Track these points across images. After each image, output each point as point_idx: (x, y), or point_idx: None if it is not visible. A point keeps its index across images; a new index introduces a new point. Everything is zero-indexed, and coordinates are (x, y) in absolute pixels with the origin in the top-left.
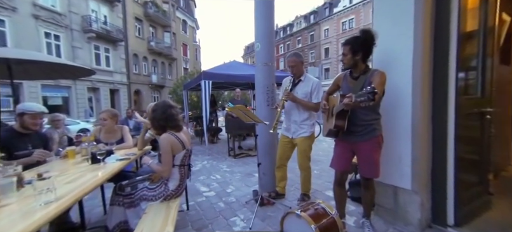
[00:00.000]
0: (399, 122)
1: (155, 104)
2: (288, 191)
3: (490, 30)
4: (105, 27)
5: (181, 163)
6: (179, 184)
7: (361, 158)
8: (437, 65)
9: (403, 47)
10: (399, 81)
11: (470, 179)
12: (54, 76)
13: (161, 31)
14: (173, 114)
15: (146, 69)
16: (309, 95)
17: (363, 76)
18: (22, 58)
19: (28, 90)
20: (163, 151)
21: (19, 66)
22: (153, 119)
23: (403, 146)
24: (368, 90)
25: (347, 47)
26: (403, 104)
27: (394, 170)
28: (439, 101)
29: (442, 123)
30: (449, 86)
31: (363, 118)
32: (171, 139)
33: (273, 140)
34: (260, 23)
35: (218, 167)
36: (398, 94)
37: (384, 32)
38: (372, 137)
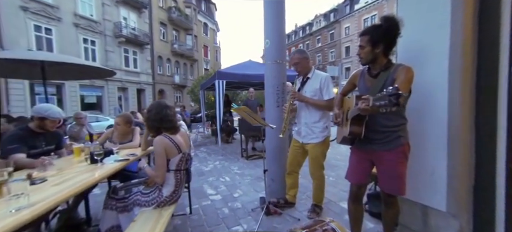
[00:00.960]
0: (431, 127)
1: (150, 104)
2: (300, 198)
3: None
4: (133, 32)
5: (176, 168)
6: (174, 191)
7: (382, 170)
8: (483, 58)
9: (436, 37)
10: (431, 78)
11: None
12: (81, 76)
13: (184, 34)
14: (168, 115)
15: (169, 70)
16: (319, 92)
17: (383, 73)
18: (54, 60)
19: (68, 90)
20: (156, 154)
21: (51, 68)
22: (147, 119)
23: (436, 156)
24: (390, 92)
25: (366, 38)
26: (436, 105)
27: (424, 185)
28: (486, 101)
29: (489, 128)
30: (499, 83)
31: (384, 124)
32: (164, 142)
33: (283, 144)
34: (269, 18)
35: (229, 168)
36: (430, 94)
37: (411, 20)
38: (396, 146)
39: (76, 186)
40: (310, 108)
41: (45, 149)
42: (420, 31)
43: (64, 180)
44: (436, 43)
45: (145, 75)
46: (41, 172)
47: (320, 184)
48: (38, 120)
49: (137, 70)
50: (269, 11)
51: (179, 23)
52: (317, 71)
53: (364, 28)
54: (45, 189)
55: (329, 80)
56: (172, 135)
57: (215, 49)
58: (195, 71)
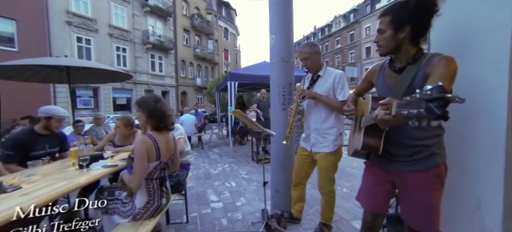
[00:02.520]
0: (479, 142)
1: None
2: (307, 213)
3: None
4: (159, 39)
5: (148, 177)
6: (148, 201)
7: (407, 199)
8: None
9: (491, 15)
10: (481, 75)
11: None
12: (104, 80)
13: (205, 39)
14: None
15: (191, 73)
16: (332, 92)
17: (412, 66)
18: (79, 65)
19: (103, 93)
20: (137, 156)
21: (77, 72)
22: (150, 111)
23: (484, 183)
24: (429, 95)
25: (387, 19)
26: (488, 112)
27: (464, 220)
28: None
29: None
30: None
31: (413, 135)
32: (148, 143)
33: (289, 152)
34: (275, 11)
35: (238, 172)
36: (479, 97)
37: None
38: (429, 167)
39: (42, 197)
40: (321, 110)
41: (48, 151)
42: (467, 7)
43: (37, 189)
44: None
45: (169, 78)
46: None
47: (330, 201)
48: (44, 120)
49: (162, 74)
50: (274, 3)
51: (201, 29)
52: (329, 68)
53: (387, 7)
54: (7, 200)
55: (344, 79)
56: (157, 135)
57: (235, 52)
58: (216, 73)
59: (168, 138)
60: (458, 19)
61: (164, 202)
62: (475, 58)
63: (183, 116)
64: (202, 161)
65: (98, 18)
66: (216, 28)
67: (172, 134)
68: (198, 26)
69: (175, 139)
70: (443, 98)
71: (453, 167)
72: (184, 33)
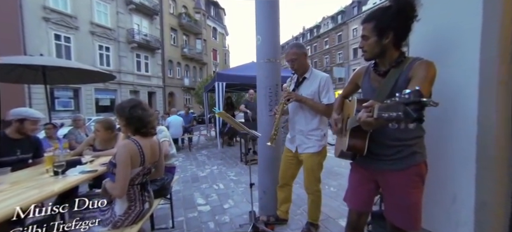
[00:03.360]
0: (454, 141)
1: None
2: (294, 213)
3: None
4: (145, 38)
5: (129, 182)
6: (128, 207)
7: (389, 196)
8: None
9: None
10: (456, 78)
11: None
12: (85, 80)
13: (193, 38)
14: (149, 115)
15: (179, 73)
16: (317, 95)
17: (395, 70)
18: (55, 65)
19: (84, 93)
20: (119, 162)
21: (54, 72)
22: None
23: (459, 179)
24: (408, 98)
25: (370, 26)
26: (462, 113)
27: (442, 215)
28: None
29: None
30: None
31: (395, 136)
32: (132, 148)
33: (276, 153)
34: (261, 11)
35: (226, 173)
36: (454, 98)
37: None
38: (410, 165)
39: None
40: (306, 112)
41: (20, 157)
42: (441, 11)
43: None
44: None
45: (156, 78)
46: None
47: (316, 200)
48: (17, 123)
49: (148, 74)
50: (261, 4)
51: (189, 28)
52: (315, 70)
53: (368, 13)
54: None
55: (329, 82)
56: (142, 140)
57: (224, 52)
58: (205, 74)
59: (153, 142)
60: (436, 25)
61: (147, 207)
62: (450, 62)
63: (171, 117)
64: (190, 163)
65: (78, 15)
66: (204, 28)
67: (157, 138)
68: (186, 26)
69: (160, 143)
70: (419, 102)
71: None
72: (171, 32)
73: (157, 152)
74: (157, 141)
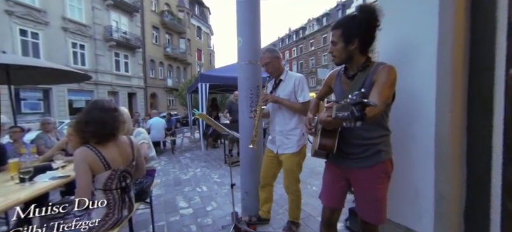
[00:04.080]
0: (416, 140)
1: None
2: (276, 213)
3: None
4: (124, 36)
5: (105, 187)
6: (107, 214)
7: (358, 192)
8: (477, 59)
9: (423, 34)
10: (418, 82)
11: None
12: (56, 81)
13: (177, 38)
14: (101, 118)
15: (162, 73)
16: (293, 95)
17: (361, 73)
18: (21, 64)
19: (56, 94)
20: (76, 171)
21: (20, 72)
22: (76, 122)
23: (422, 174)
24: (354, 100)
25: (338, 32)
26: (422, 114)
27: (408, 207)
28: (480, 109)
29: (483, 141)
30: (495, 88)
31: (362, 135)
32: (87, 154)
33: (258, 154)
34: (241, 14)
35: (210, 176)
36: (416, 101)
37: (396, 12)
38: (375, 163)
39: None
40: (284, 113)
41: None
42: (405, 24)
43: None
44: (423, 39)
45: (137, 78)
46: None
47: (296, 200)
48: None
49: (128, 74)
50: (241, 5)
51: (172, 27)
52: (290, 72)
53: (337, 21)
54: None
55: (304, 82)
56: (101, 147)
57: (208, 52)
58: (189, 74)
59: (122, 144)
60: (402, 35)
61: (126, 214)
62: (413, 68)
63: (152, 120)
64: (173, 166)
65: (48, 9)
66: (188, 27)
67: (129, 138)
68: (169, 24)
69: (134, 143)
70: (362, 103)
71: (398, 162)
72: (153, 30)
73: (130, 152)
74: (128, 141)
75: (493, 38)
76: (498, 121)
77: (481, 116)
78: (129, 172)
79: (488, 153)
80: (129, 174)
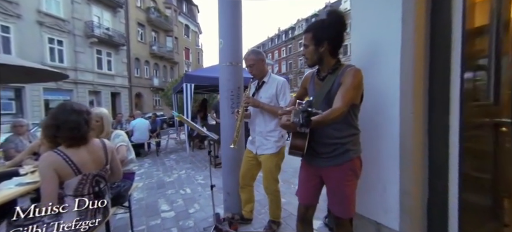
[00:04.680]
0: (384, 139)
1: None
2: (259, 213)
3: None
4: (107, 32)
5: (76, 193)
6: (79, 219)
7: (329, 189)
8: (436, 63)
9: (389, 38)
10: (386, 84)
11: (482, 213)
12: (29, 79)
13: (163, 35)
14: (70, 121)
15: (148, 72)
16: (275, 98)
17: (331, 75)
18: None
19: (30, 94)
20: (41, 177)
21: None
22: (43, 126)
23: (388, 171)
24: (302, 108)
25: (309, 36)
26: (389, 114)
27: (377, 202)
28: (439, 109)
29: (442, 139)
30: (451, 90)
31: (332, 135)
32: (53, 159)
33: (239, 155)
34: (223, 15)
35: (194, 178)
36: (384, 102)
37: (367, 17)
38: (344, 161)
39: None
40: (265, 115)
41: None
42: (374, 29)
43: None
44: (389, 43)
45: (121, 77)
46: None
47: (275, 200)
48: None
49: (111, 73)
50: (223, 7)
51: (158, 24)
52: (273, 75)
53: (308, 24)
54: None
55: (286, 86)
56: (71, 151)
57: (197, 51)
58: (176, 73)
59: (95, 148)
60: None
61: (100, 219)
62: (381, 70)
63: (135, 121)
64: (157, 169)
65: (20, 1)
66: (175, 25)
67: (103, 142)
68: (155, 21)
69: (108, 146)
70: (307, 111)
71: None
72: (138, 27)
73: (103, 156)
74: (101, 144)
75: (449, 43)
76: (455, 120)
77: (441, 116)
78: (103, 176)
79: (446, 151)
80: (103, 178)
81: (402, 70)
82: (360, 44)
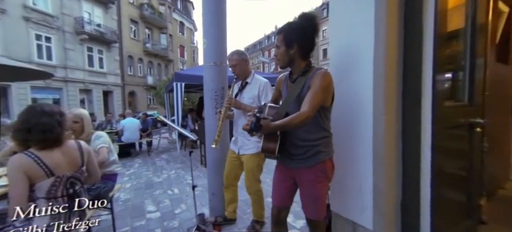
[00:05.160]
0: (359, 139)
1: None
2: (244, 213)
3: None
4: (98, 29)
5: (49, 196)
6: (49, 224)
7: (301, 191)
8: (409, 64)
9: (363, 40)
10: (360, 85)
11: (456, 211)
12: (11, 78)
13: (158, 33)
14: (41, 123)
15: (141, 70)
16: (257, 99)
17: (301, 78)
18: None
19: (16, 92)
20: (9, 180)
21: None
22: (14, 129)
23: (363, 171)
24: (253, 113)
25: (280, 37)
26: (363, 115)
27: (353, 201)
28: (411, 110)
29: (414, 139)
30: (423, 91)
31: (303, 137)
32: (23, 161)
33: (223, 155)
34: (207, 15)
35: (184, 178)
36: (359, 103)
37: (343, 20)
38: (315, 163)
39: None
40: (247, 116)
41: None
42: (351, 31)
43: None
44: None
45: (113, 75)
46: None
47: (258, 199)
48: None
49: (103, 70)
50: (207, 7)
51: (152, 21)
52: (257, 76)
53: (280, 27)
54: None
55: (268, 86)
56: (43, 152)
57: (192, 49)
58: (171, 71)
59: (69, 149)
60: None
61: (75, 222)
62: (356, 72)
63: (125, 120)
64: (147, 169)
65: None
66: (170, 22)
67: (78, 143)
68: (148, 18)
69: (84, 147)
70: (256, 117)
71: (344, 160)
72: (131, 24)
73: (79, 158)
74: (76, 146)
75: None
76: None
77: (413, 117)
78: (78, 178)
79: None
80: (79, 180)
81: (375, 71)
82: (337, 46)
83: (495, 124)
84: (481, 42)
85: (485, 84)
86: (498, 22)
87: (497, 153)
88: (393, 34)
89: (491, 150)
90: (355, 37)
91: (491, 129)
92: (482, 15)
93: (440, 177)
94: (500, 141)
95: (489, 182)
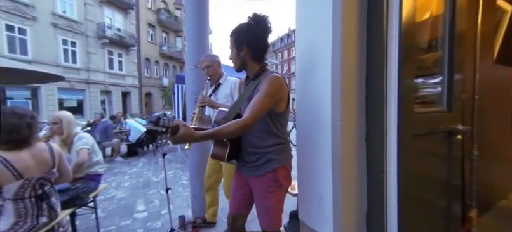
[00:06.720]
0: (319, 147)
1: None
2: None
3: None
4: (118, 33)
5: (16, 197)
6: (16, 222)
7: (254, 200)
8: (373, 69)
9: (324, 42)
10: (320, 89)
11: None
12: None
13: (173, 36)
14: (9, 124)
15: (157, 72)
16: (230, 97)
17: (253, 82)
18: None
19: (45, 93)
20: None
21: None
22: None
23: (323, 181)
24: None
25: (231, 40)
26: (323, 122)
27: (316, 211)
28: (375, 116)
29: (378, 147)
30: (388, 96)
31: (255, 144)
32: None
33: (205, 157)
34: (189, 19)
35: (180, 178)
36: (319, 108)
37: (308, 20)
38: (266, 171)
39: None
40: None
41: None
42: (313, 33)
43: None
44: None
45: (131, 77)
46: None
47: None
48: None
49: (122, 73)
50: (189, 11)
51: (168, 25)
52: (229, 77)
53: (233, 29)
54: None
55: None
56: (12, 154)
57: None
58: None
59: (39, 151)
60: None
61: (45, 221)
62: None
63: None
64: (148, 169)
65: (36, 4)
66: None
67: (49, 145)
68: (165, 22)
69: (55, 149)
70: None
71: (306, 167)
72: (149, 28)
73: (49, 159)
74: (46, 148)
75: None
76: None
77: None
78: (48, 179)
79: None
80: (49, 180)
81: (332, 75)
82: (301, 47)
83: (496, 129)
84: (466, 43)
85: (475, 88)
86: (500, 21)
87: (497, 160)
88: (351, 35)
89: (490, 157)
90: (317, 37)
91: (491, 135)
92: (464, 12)
93: (410, 187)
94: (501, 146)
95: (484, 192)
